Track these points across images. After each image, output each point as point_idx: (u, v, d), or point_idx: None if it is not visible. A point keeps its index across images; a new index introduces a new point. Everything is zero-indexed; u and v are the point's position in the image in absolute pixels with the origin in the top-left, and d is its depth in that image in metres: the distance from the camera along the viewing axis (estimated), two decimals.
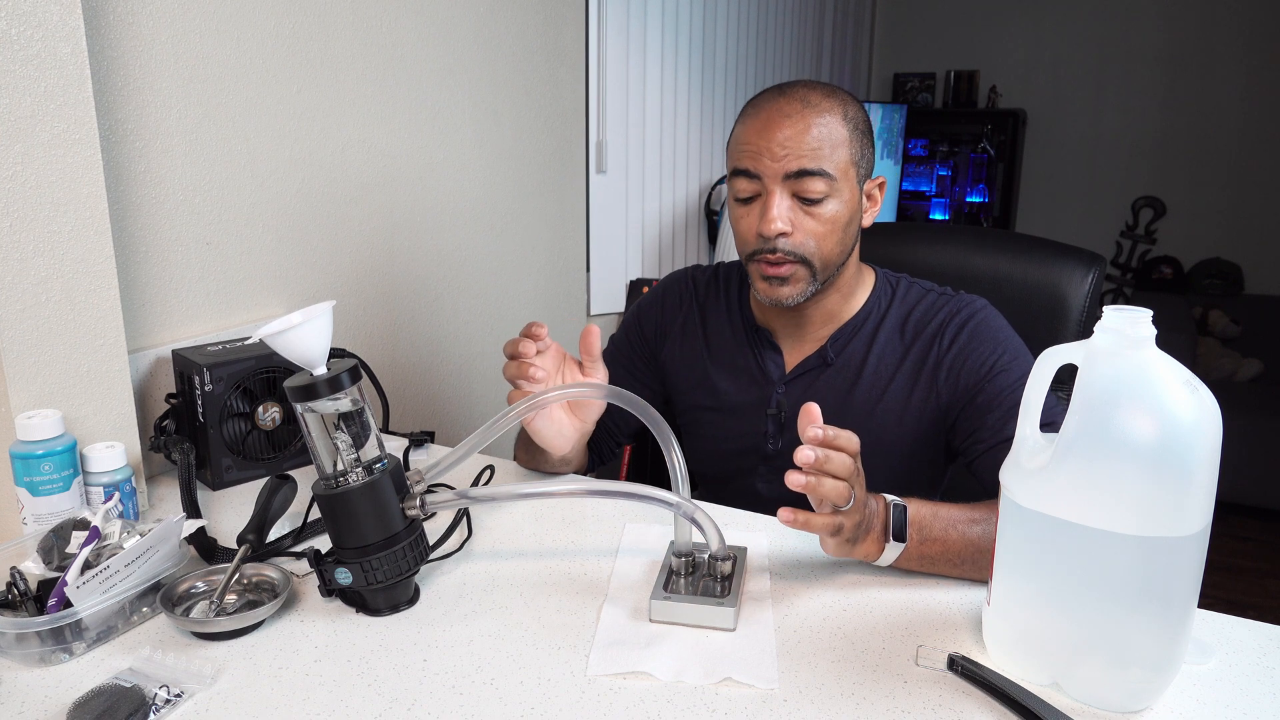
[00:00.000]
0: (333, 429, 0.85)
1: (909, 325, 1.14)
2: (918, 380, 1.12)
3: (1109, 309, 0.71)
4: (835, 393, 1.15)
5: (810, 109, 1.04)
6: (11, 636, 0.78)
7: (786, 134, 1.03)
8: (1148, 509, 0.69)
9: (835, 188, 1.05)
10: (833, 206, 1.06)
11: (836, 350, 1.16)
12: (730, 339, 1.23)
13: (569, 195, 2.18)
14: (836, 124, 1.05)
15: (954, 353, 1.10)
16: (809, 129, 1.04)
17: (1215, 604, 0.86)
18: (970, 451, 1.09)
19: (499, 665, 0.79)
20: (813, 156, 1.03)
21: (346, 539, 0.85)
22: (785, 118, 1.04)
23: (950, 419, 1.12)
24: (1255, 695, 0.76)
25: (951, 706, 0.74)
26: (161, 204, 1.24)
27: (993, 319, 1.12)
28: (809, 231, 1.06)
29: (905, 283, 1.18)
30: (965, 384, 1.09)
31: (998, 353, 1.08)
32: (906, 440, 1.14)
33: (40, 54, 0.96)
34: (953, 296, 1.15)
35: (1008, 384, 1.06)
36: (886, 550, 0.90)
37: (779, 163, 1.04)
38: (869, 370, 1.14)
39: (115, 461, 1.02)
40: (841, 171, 1.06)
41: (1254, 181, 3.79)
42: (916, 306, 1.15)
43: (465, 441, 0.92)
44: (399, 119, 1.62)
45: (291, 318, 0.83)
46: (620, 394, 0.90)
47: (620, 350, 1.31)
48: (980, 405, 1.07)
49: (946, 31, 4.22)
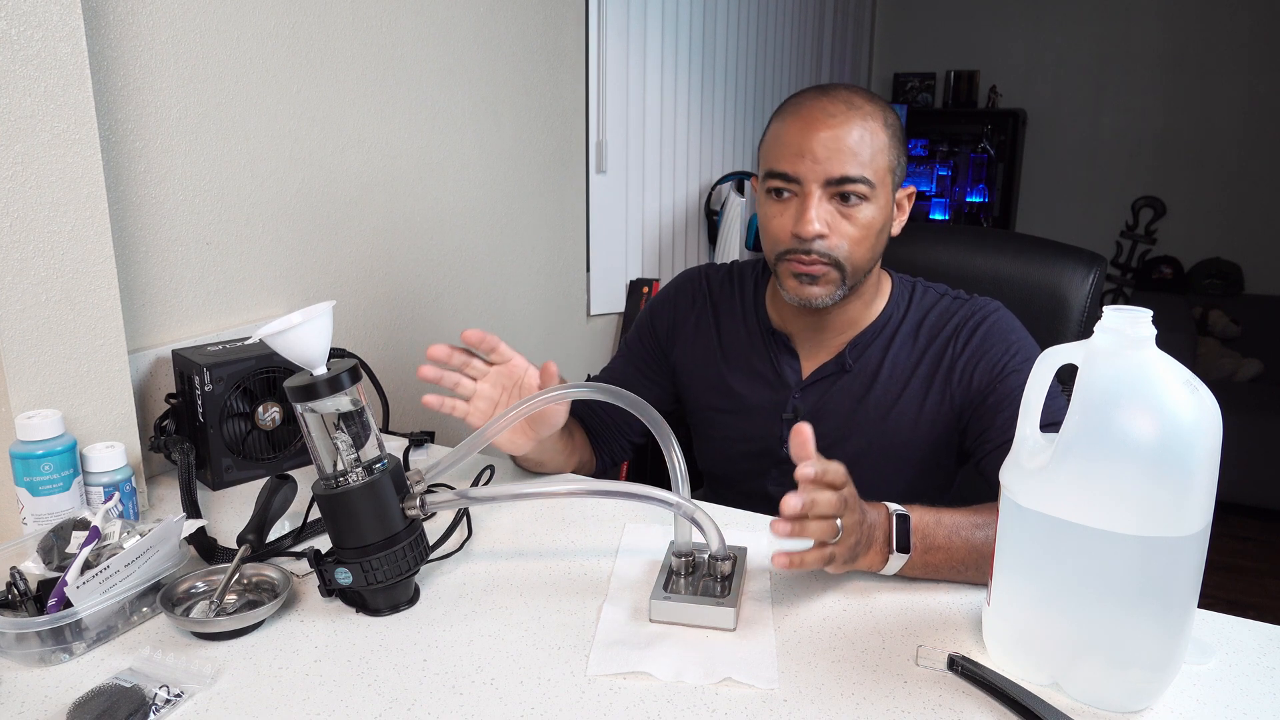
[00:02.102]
0: (333, 429, 0.85)
1: (924, 330, 1.14)
2: (932, 384, 1.12)
3: (1109, 309, 0.71)
4: (850, 398, 1.15)
5: (855, 111, 1.04)
6: (11, 636, 0.78)
7: (831, 134, 1.03)
8: (1148, 509, 0.68)
9: (874, 193, 1.05)
10: (869, 212, 1.06)
11: (855, 356, 1.15)
12: (745, 341, 1.22)
13: (569, 195, 2.18)
14: (878, 129, 1.05)
15: (967, 355, 1.10)
16: (852, 132, 1.03)
17: (1215, 604, 0.86)
18: (979, 451, 1.09)
19: (499, 665, 0.79)
20: (855, 162, 1.03)
21: (346, 539, 0.85)
22: (830, 117, 1.04)
23: (963, 421, 1.11)
24: (1255, 695, 0.76)
25: (951, 706, 0.74)
26: (161, 204, 1.24)
27: (1006, 321, 1.12)
28: (844, 235, 1.06)
29: (921, 287, 1.18)
30: (978, 385, 1.09)
31: (1010, 354, 1.08)
32: (920, 445, 1.14)
33: (40, 54, 0.96)
34: (967, 300, 1.15)
35: (1019, 384, 1.05)
36: (890, 560, 0.90)
37: (821, 164, 1.03)
38: (884, 375, 1.14)
39: (115, 461, 1.02)
40: (880, 178, 1.05)
41: (1254, 181, 3.79)
42: (931, 311, 1.15)
43: (465, 442, 0.92)
44: (399, 119, 1.62)
45: (292, 318, 0.83)
46: (619, 394, 0.89)
47: (633, 350, 1.31)
48: (991, 406, 1.07)
49: (946, 31, 4.22)
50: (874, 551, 0.89)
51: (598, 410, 1.27)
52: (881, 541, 0.89)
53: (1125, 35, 3.90)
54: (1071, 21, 3.98)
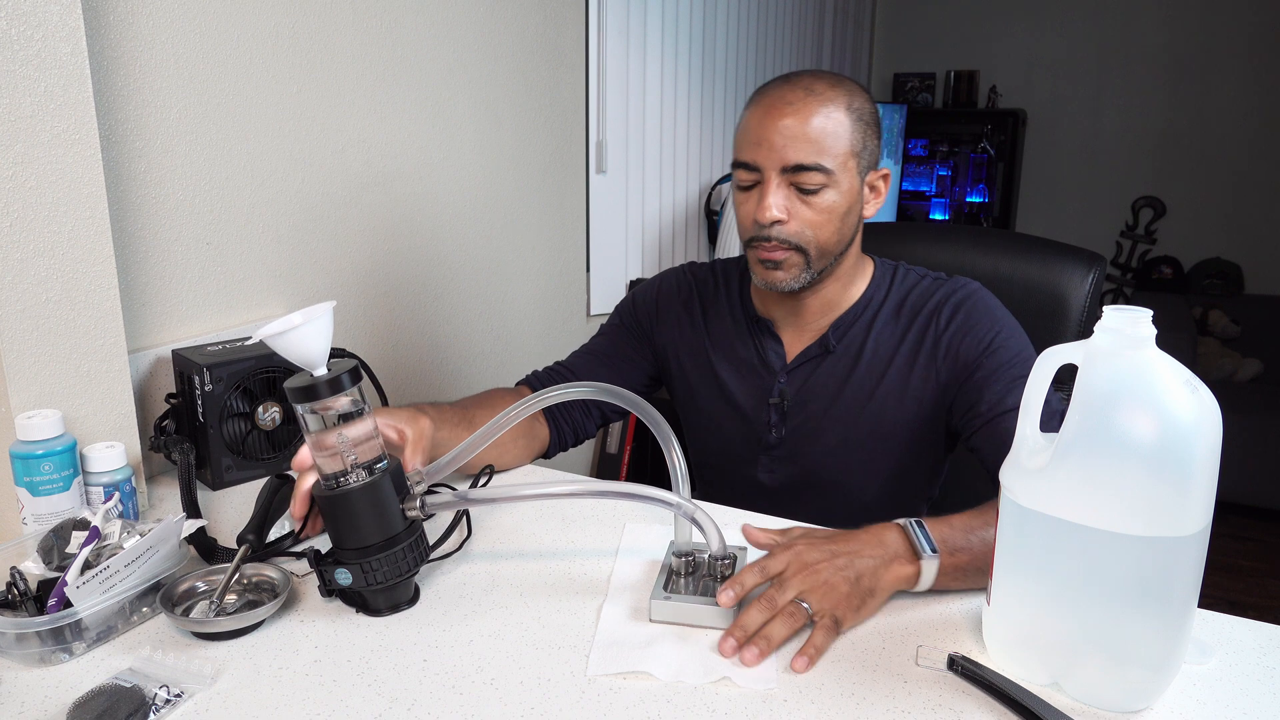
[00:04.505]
0: (333, 430, 0.85)
1: (906, 308, 1.16)
2: (916, 360, 1.14)
3: (1109, 309, 0.71)
4: (835, 379, 1.17)
5: (814, 97, 1.06)
6: (11, 636, 0.78)
7: (787, 123, 1.05)
8: (1148, 509, 0.68)
9: (833, 179, 1.06)
10: (830, 197, 1.07)
11: (838, 338, 1.17)
12: (731, 330, 1.24)
13: (569, 195, 2.18)
14: (839, 114, 1.06)
15: (951, 331, 1.12)
16: (810, 118, 1.05)
17: (1215, 604, 0.86)
18: (968, 427, 1.09)
19: (499, 665, 0.79)
20: (811, 149, 1.05)
21: (346, 540, 0.85)
22: (788, 105, 1.06)
23: (949, 397, 1.13)
24: (1255, 695, 0.76)
25: (951, 706, 0.74)
26: (161, 204, 1.24)
27: (987, 298, 1.14)
28: (805, 220, 1.08)
29: (903, 269, 1.20)
30: (964, 360, 1.10)
31: (995, 329, 1.10)
32: (907, 422, 1.15)
33: (40, 54, 0.96)
34: (947, 280, 1.17)
35: (1005, 359, 1.08)
36: (924, 569, 0.87)
37: (777, 152, 1.05)
38: (867, 354, 1.16)
39: (115, 461, 1.02)
40: (840, 163, 1.06)
41: (1254, 181, 3.79)
42: (913, 290, 1.17)
43: (465, 442, 0.92)
44: (399, 119, 1.62)
45: (292, 318, 0.82)
46: (619, 393, 0.89)
47: (613, 331, 1.32)
48: (978, 380, 1.09)
49: (946, 31, 4.22)
50: (897, 567, 0.86)
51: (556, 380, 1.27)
52: (904, 555, 0.87)
53: (1125, 35, 3.89)
54: (1071, 21, 3.98)
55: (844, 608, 0.83)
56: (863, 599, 0.84)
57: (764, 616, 0.81)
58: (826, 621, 0.82)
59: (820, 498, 1.21)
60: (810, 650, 0.79)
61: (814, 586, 0.83)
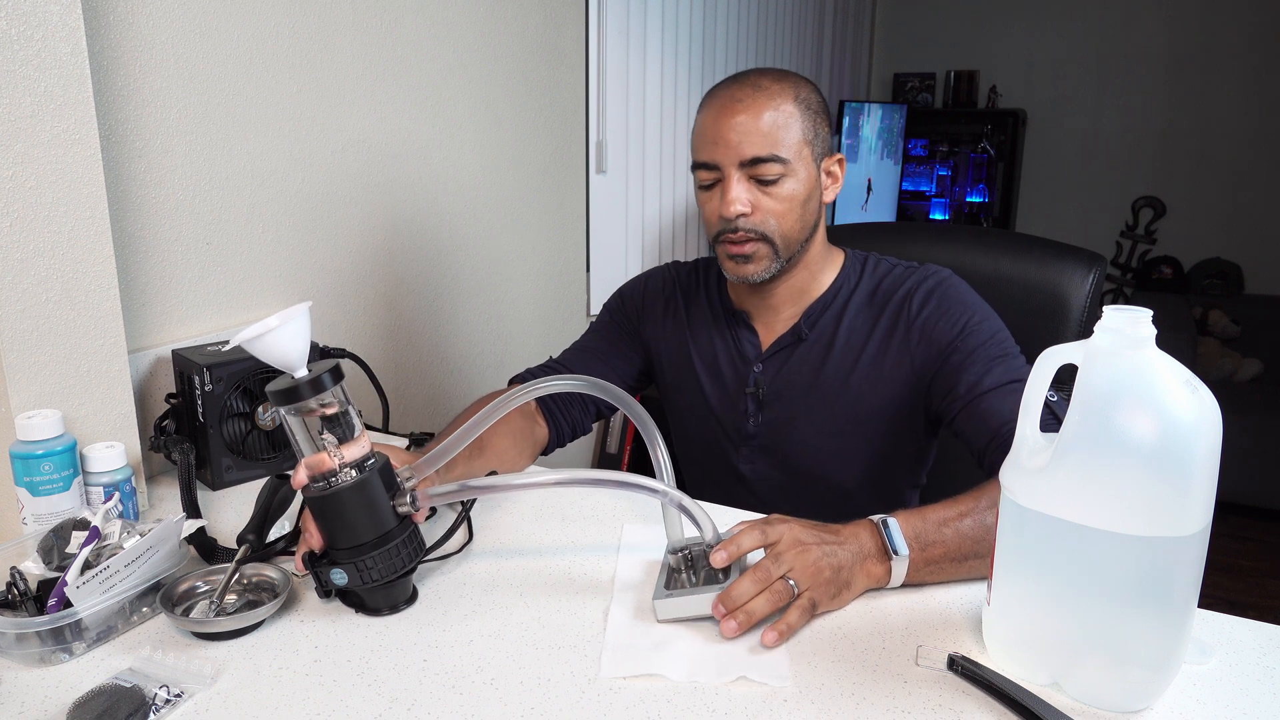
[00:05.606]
0: (317, 431, 0.84)
1: (878, 295, 1.18)
2: (889, 346, 1.15)
3: (1109, 309, 0.71)
4: (809, 367, 1.19)
5: (761, 93, 1.09)
6: (11, 636, 0.78)
7: (740, 119, 1.08)
8: (1148, 509, 0.68)
9: (790, 168, 1.10)
10: (790, 185, 1.11)
11: (810, 325, 1.20)
12: (710, 323, 1.27)
13: (569, 195, 2.18)
14: (788, 105, 1.10)
15: (924, 316, 1.13)
16: (761, 113, 1.08)
17: (1215, 604, 0.86)
18: (949, 410, 1.10)
19: (499, 665, 0.79)
20: (765, 142, 1.08)
21: (340, 539, 0.85)
22: (738, 102, 1.09)
23: (925, 381, 1.14)
24: (1255, 695, 0.76)
25: (951, 706, 0.74)
26: (161, 204, 1.24)
27: (958, 284, 1.16)
28: (768, 210, 1.11)
29: (873, 259, 1.22)
30: (939, 344, 1.12)
31: (968, 313, 1.12)
32: (884, 409, 1.16)
33: (40, 54, 0.96)
34: (919, 267, 1.19)
35: (980, 341, 1.10)
36: (893, 568, 0.89)
37: (733, 148, 1.09)
38: (840, 341, 1.18)
39: (115, 461, 1.02)
40: (795, 152, 1.10)
41: (1254, 181, 3.79)
42: (885, 278, 1.19)
43: (455, 434, 0.90)
44: (399, 119, 1.62)
45: (269, 321, 0.80)
46: (606, 388, 0.89)
47: (603, 327, 1.34)
48: (955, 364, 1.10)
49: (946, 31, 4.22)
50: (870, 565, 0.88)
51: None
52: (876, 553, 0.89)
53: (1125, 35, 3.90)
54: (1071, 21, 3.98)
55: (823, 592, 0.85)
56: (839, 589, 0.86)
57: (755, 590, 0.83)
58: (804, 602, 0.83)
59: (801, 487, 1.22)
60: (782, 627, 0.81)
61: (804, 565, 0.84)
